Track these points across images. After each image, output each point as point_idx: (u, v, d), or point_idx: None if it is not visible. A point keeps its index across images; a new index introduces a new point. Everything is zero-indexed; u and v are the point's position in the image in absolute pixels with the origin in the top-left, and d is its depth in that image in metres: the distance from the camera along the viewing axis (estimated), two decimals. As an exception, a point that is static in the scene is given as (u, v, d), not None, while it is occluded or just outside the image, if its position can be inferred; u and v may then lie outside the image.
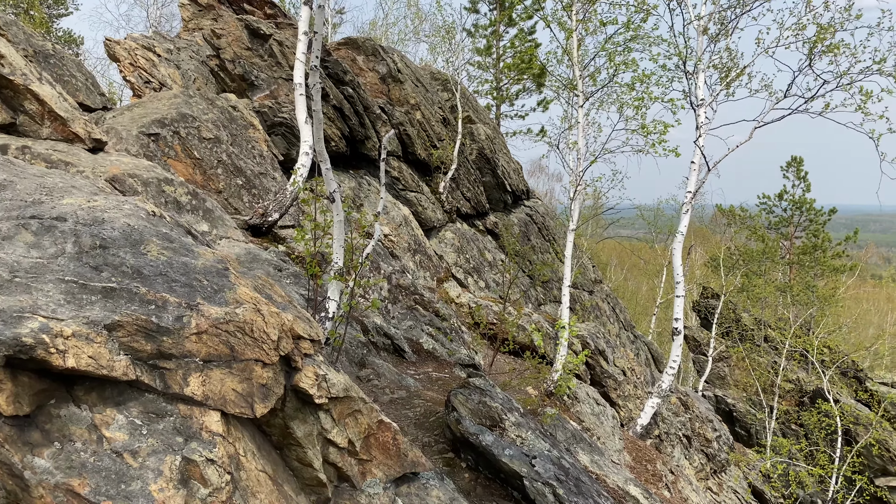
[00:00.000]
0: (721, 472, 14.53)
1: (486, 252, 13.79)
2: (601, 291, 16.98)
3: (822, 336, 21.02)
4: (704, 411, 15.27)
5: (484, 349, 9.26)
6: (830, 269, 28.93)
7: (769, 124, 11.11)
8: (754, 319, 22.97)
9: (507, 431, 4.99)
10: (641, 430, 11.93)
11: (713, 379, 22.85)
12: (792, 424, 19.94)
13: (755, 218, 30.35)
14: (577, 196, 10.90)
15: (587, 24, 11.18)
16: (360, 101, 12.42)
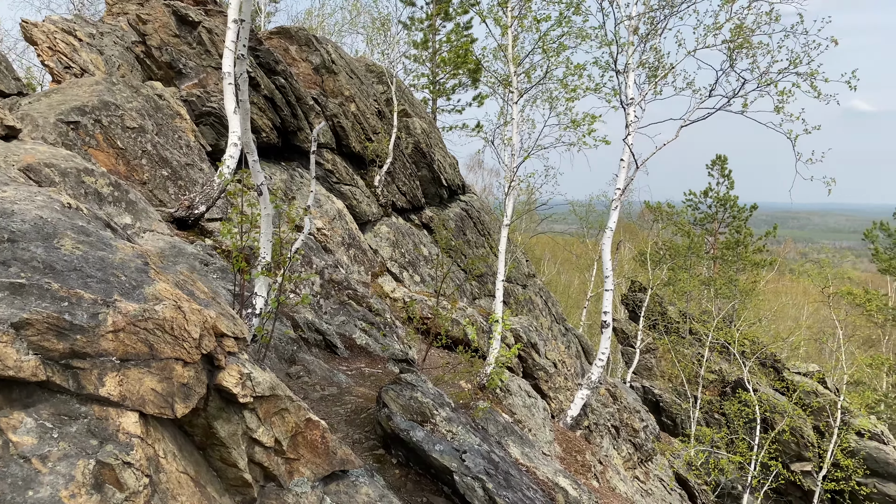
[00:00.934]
0: (648, 462, 14.97)
1: (422, 246, 13.78)
2: (534, 285, 17.22)
3: (743, 328, 21.88)
4: (632, 402, 15.69)
5: (418, 344, 9.25)
6: (751, 263, 30.16)
7: (695, 123, 11.46)
8: (680, 312, 23.72)
9: (439, 427, 5.00)
10: (572, 421, 12.17)
11: (641, 370, 23.49)
12: (715, 413, 20.69)
13: (681, 214, 31.33)
14: (511, 192, 11.00)
15: (522, 20, 11.28)
16: (292, 91, 12.20)
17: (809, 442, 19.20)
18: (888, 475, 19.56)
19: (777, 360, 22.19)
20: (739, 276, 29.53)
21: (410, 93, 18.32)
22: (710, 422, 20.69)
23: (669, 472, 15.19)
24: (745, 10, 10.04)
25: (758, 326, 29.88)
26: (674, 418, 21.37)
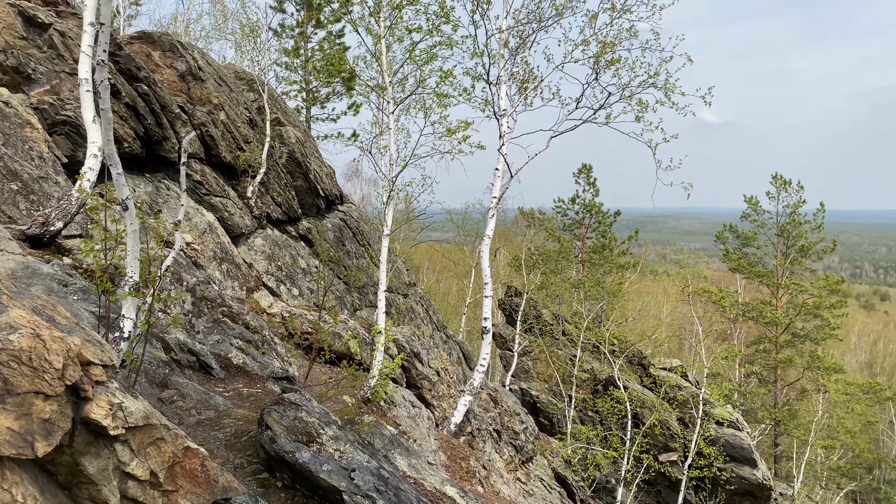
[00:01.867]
0: (528, 462, 15.37)
1: (300, 259, 13.46)
2: (415, 294, 17.27)
3: (611, 328, 23.01)
4: (512, 405, 16.07)
5: (299, 360, 9.00)
6: (617, 266, 31.81)
7: (564, 133, 11.94)
8: (553, 315, 24.60)
9: (326, 446, 4.86)
10: (455, 428, 12.28)
11: (519, 373, 24.13)
12: (589, 411, 21.59)
13: (552, 220, 32.56)
14: (390, 201, 10.97)
15: (394, 30, 11.31)
16: (156, 99, 11.57)
17: (675, 433, 20.45)
18: (743, 459, 21.19)
19: (643, 357, 23.51)
20: (606, 278, 31.07)
21: (283, 101, 17.90)
22: (585, 419, 21.59)
23: (549, 471, 15.66)
24: (607, 27, 10.60)
25: (625, 326, 31.55)
26: (551, 418, 22.11)
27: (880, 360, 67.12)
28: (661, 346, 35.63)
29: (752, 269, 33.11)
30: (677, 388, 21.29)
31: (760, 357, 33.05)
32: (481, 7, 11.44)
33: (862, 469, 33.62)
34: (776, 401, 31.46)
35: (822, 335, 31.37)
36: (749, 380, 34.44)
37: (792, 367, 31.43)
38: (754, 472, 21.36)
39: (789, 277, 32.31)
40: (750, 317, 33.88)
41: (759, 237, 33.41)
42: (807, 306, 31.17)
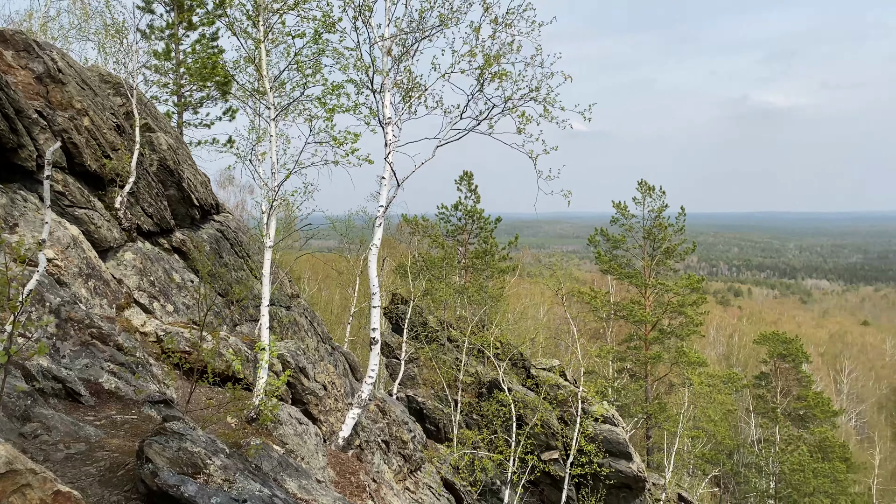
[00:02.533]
0: (417, 471, 15.36)
1: (174, 273, 12.76)
2: (298, 306, 16.84)
3: (495, 331, 23.48)
4: (400, 414, 16.01)
5: (178, 382, 8.52)
6: (498, 270, 32.55)
7: (449, 143, 12.04)
8: (438, 321, 24.79)
9: (214, 477, 4.60)
10: (343, 442, 12.06)
11: (405, 380, 24.11)
12: (474, 415, 21.90)
13: (435, 227, 32.86)
14: (272, 211, 10.63)
15: (273, 35, 10.99)
16: (10, 103, 10.61)
17: (556, 432, 21.13)
18: (619, 453, 22.19)
19: (525, 358, 24.14)
20: (489, 282, 31.72)
21: (153, 106, 16.95)
22: (471, 423, 21.88)
23: (437, 478, 15.73)
24: (490, 39, 10.80)
25: (507, 328, 32.31)
26: (437, 424, 22.24)
27: (736, 352, 72.71)
28: (539, 347, 36.81)
29: (621, 270, 34.88)
30: (557, 387, 22.00)
31: (631, 354, 34.85)
32: (363, 14, 11.34)
33: (723, 455, 36.23)
34: (647, 395, 33.27)
35: (687, 331, 33.51)
36: (622, 376, 36.21)
37: (660, 362, 33.36)
38: (630, 465, 22.43)
39: (655, 278, 34.28)
40: (621, 316, 35.67)
41: (628, 240, 35.25)
42: (672, 304, 33.19)
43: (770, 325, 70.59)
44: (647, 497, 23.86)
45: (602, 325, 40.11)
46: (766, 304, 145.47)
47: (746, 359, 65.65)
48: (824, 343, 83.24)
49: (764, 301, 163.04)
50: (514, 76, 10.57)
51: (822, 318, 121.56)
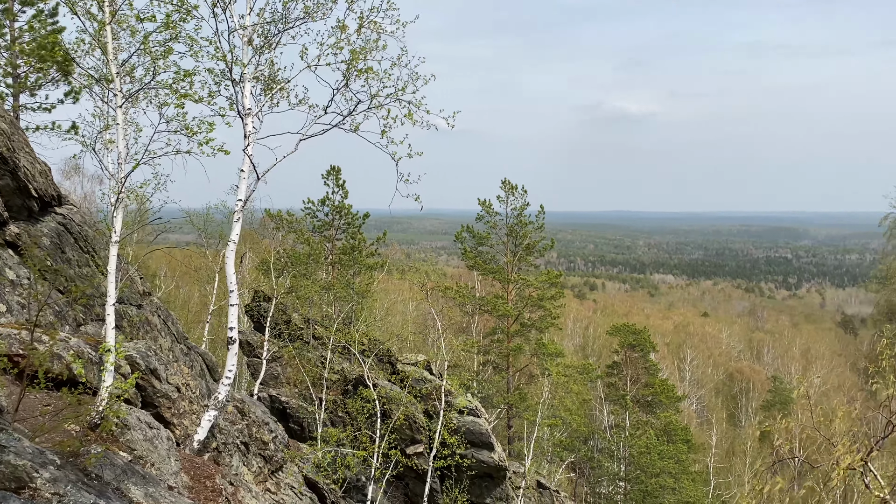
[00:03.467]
0: (279, 471, 15.02)
1: (8, 270, 11.68)
2: (151, 305, 15.93)
3: (361, 328, 23.37)
4: (261, 415, 15.58)
5: (10, 388, 7.79)
6: (366, 266, 32.40)
7: (313, 137, 11.83)
8: (303, 318, 24.33)
9: (41, 491, 4.25)
10: (199, 445, 11.58)
11: (268, 379, 23.48)
12: (339, 412, 21.71)
13: (301, 222, 32.18)
14: (119, 204, 9.99)
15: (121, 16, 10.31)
16: None
17: (421, 426, 21.36)
18: (482, 444, 22.80)
19: (391, 354, 24.21)
20: (356, 279, 31.50)
21: (-17, 86, 15.42)
22: (336, 421, 21.66)
23: (300, 477, 15.47)
24: (356, 34, 10.69)
25: (374, 325, 32.27)
26: (301, 423, 21.84)
27: (591, 343, 76.80)
28: (407, 342, 37.08)
29: (486, 266, 35.82)
30: (422, 381, 22.25)
31: (495, 347, 35.88)
32: (222, 0, 10.89)
33: (579, 441, 38.15)
34: (509, 386, 34.39)
35: (546, 324, 34.95)
36: (486, 368, 37.19)
37: (521, 354, 34.59)
38: (492, 454, 23.10)
39: (517, 273, 35.50)
40: (485, 310, 36.62)
41: (492, 237, 36.24)
42: (532, 299, 34.51)
43: (622, 317, 75.23)
44: (508, 485, 24.68)
45: (468, 319, 41.00)
46: (618, 298, 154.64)
47: (601, 349, 69.45)
48: (669, 333, 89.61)
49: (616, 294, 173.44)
50: (380, 74, 10.55)
51: (667, 310, 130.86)
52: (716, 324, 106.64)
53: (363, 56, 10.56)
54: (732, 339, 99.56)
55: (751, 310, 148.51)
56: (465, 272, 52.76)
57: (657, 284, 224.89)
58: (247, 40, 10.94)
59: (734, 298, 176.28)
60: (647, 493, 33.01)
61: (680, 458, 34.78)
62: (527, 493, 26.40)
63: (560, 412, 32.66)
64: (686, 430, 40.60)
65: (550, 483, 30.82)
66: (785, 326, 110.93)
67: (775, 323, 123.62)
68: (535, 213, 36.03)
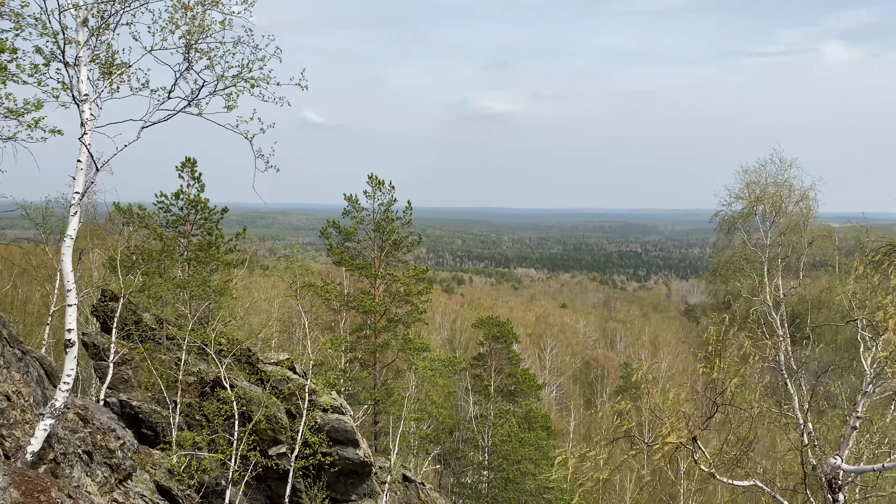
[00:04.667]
0: (127, 480, 14.17)
1: None
2: (-25, 306, 14.49)
3: (218, 327, 22.47)
4: (107, 421, 14.64)
5: None
6: (224, 263, 31.19)
7: (158, 123, 11.19)
8: (156, 318, 23.06)
9: None
10: (33, 457, 10.69)
11: (117, 384, 22.07)
12: (196, 416, 20.77)
13: (153, 217, 30.47)
14: (-70, 196, 8.99)
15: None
16: None
17: (284, 426, 20.88)
18: (347, 441, 22.63)
19: (252, 354, 23.45)
20: (213, 276, 30.25)
21: None
22: (193, 425, 20.70)
23: (151, 485, 14.69)
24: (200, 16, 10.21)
25: (234, 324, 31.13)
26: (155, 428, 20.71)
27: (458, 336, 78.34)
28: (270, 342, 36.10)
29: (353, 262, 35.54)
30: (285, 381, 21.75)
31: (362, 343, 35.73)
32: (51, -26, 10.04)
33: (445, 434, 38.84)
34: (375, 382, 34.39)
35: (413, 319, 35.24)
36: (353, 365, 36.96)
37: (388, 349, 34.68)
38: (357, 451, 22.98)
39: (385, 269, 35.51)
40: (353, 306, 36.34)
41: (359, 232, 36.00)
42: (400, 294, 34.67)
43: (487, 310, 77.18)
44: (374, 480, 24.67)
45: (335, 316, 40.54)
46: (484, 291, 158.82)
47: (467, 342, 70.99)
48: (531, 325, 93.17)
49: (483, 288, 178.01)
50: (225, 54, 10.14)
51: (530, 302, 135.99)
52: (573, 314, 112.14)
53: (205, 36, 10.11)
54: (589, 329, 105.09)
55: (605, 301, 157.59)
56: (334, 268, 52.10)
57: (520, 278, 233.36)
58: (81, 21, 10.15)
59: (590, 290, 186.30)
60: (509, 480, 34.15)
61: (540, 444, 36.24)
62: (393, 488, 26.52)
63: (426, 406, 33.06)
64: (546, 417, 42.36)
65: (416, 476, 31.14)
66: (635, 316, 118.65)
67: (627, 313, 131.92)
68: (403, 209, 36.16)
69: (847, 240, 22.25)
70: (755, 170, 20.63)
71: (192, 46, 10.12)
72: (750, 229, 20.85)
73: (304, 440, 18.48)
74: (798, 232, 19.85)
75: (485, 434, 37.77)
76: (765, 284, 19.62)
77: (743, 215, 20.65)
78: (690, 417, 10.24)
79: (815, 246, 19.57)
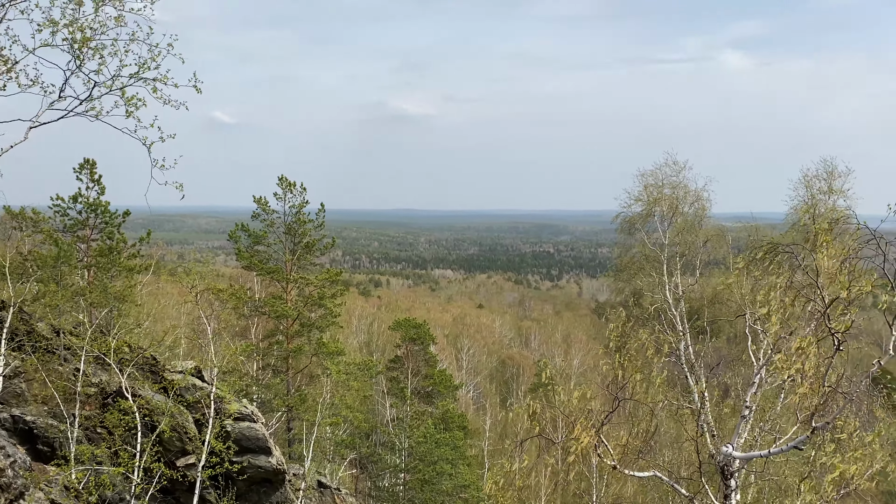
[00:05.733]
0: (18, 500, 13.44)
1: None
2: None
3: (120, 336, 21.56)
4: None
5: None
6: (126, 269, 29.91)
7: (48, 124, 10.65)
8: (51, 328, 21.89)
9: None
10: None
11: (9, 398, 20.82)
12: (97, 428, 19.86)
13: (48, 221, 28.92)
14: None
15: None
16: None
17: (192, 436, 20.23)
18: (259, 449, 22.16)
19: (156, 362, 22.61)
20: (115, 282, 28.98)
21: None
22: (95, 438, 19.76)
23: (46, 503, 13.97)
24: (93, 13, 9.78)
25: (138, 332, 29.93)
26: (51, 443, 19.66)
27: (376, 339, 78.01)
28: (176, 349, 34.89)
29: (263, 266, 34.81)
30: (193, 389, 21.11)
31: (275, 349, 35.06)
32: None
33: (361, 438, 38.59)
34: (289, 388, 33.81)
35: (327, 323, 34.85)
36: (266, 371, 36.21)
37: (302, 354, 34.16)
38: (269, 459, 22.55)
39: (297, 272, 34.96)
40: (264, 312, 35.59)
41: (270, 235, 35.28)
42: (313, 298, 34.21)
43: (405, 312, 77.21)
44: (288, 488, 24.28)
45: (246, 322, 39.58)
46: (402, 294, 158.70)
47: (384, 344, 70.80)
48: (448, 325, 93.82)
49: (400, 290, 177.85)
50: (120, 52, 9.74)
51: (447, 303, 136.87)
52: (490, 314, 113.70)
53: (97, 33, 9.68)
54: (504, 328, 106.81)
55: (520, 300, 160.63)
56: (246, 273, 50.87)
57: (438, 279, 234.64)
58: (-41, 13, 9.55)
59: (505, 290, 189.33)
60: (426, 481, 34.29)
61: (457, 444, 36.55)
62: (307, 495, 26.17)
63: (341, 410, 32.75)
64: (463, 417, 42.76)
65: (332, 482, 30.80)
66: (549, 314, 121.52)
67: (541, 311, 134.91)
68: (316, 211, 35.72)
69: (740, 238, 23.56)
70: (652, 172, 21.59)
71: (81, 44, 9.66)
72: (649, 229, 21.79)
73: (212, 449, 17.98)
74: (694, 231, 20.88)
75: (402, 436, 37.78)
76: (664, 282, 20.55)
77: (642, 216, 21.55)
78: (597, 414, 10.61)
79: (709, 245, 20.64)
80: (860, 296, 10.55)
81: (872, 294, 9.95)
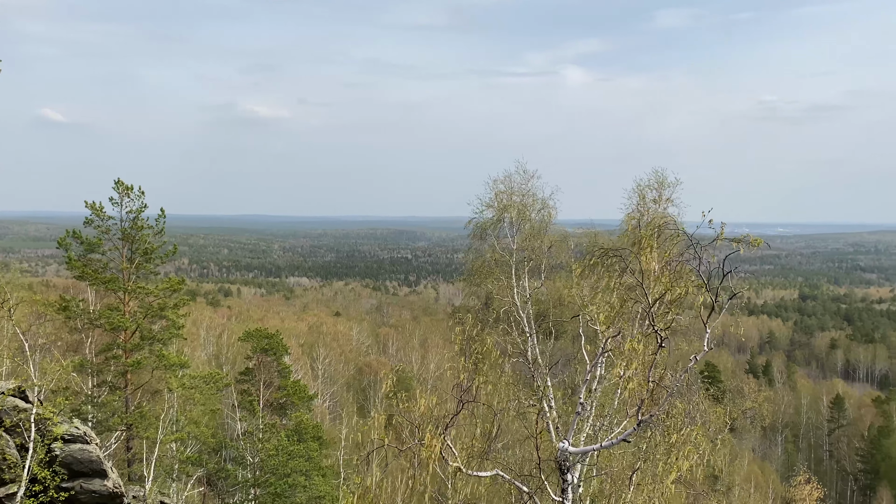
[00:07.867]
0: None
1: None
2: None
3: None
4: None
5: None
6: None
7: None
8: None
9: None
10: None
11: None
12: None
13: None
14: None
15: None
16: None
17: (14, 463, 18.36)
18: (93, 472, 20.49)
19: (-32, 384, 20.33)
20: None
21: None
22: None
23: None
24: None
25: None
26: None
27: (225, 351, 74.88)
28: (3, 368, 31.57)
29: (97, 275, 32.28)
30: (14, 411, 19.19)
31: (112, 364, 32.63)
32: None
33: (209, 454, 36.81)
34: (127, 406, 31.60)
35: (169, 335, 32.94)
36: (102, 389, 33.62)
37: (142, 369, 32.05)
38: (105, 482, 20.91)
39: (135, 282, 32.75)
40: (99, 324, 33.03)
41: (105, 243, 32.79)
42: (153, 308, 32.20)
43: (257, 322, 74.68)
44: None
45: (80, 336, 36.54)
46: (253, 303, 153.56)
47: (235, 356, 68.15)
48: (304, 334, 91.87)
49: (252, 300, 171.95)
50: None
51: (302, 312, 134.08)
52: (347, 322, 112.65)
53: None
54: (362, 335, 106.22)
55: (378, 307, 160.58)
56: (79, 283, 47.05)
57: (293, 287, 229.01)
58: None
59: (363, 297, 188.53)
60: (277, 494, 33.28)
61: (311, 455, 35.77)
62: (148, 518, 24.54)
63: (186, 426, 31.04)
64: (318, 428, 41.92)
65: (178, 502, 29.14)
66: (407, 320, 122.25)
67: (399, 317, 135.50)
68: (156, 217, 33.64)
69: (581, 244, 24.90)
70: (502, 180, 22.33)
71: None
72: (500, 235, 22.51)
73: (33, 476, 16.41)
74: (540, 237, 21.81)
75: (252, 450, 36.44)
76: (513, 286, 21.30)
77: (493, 222, 22.23)
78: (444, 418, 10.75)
79: (553, 249, 21.64)
80: (682, 296, 11.48)
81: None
